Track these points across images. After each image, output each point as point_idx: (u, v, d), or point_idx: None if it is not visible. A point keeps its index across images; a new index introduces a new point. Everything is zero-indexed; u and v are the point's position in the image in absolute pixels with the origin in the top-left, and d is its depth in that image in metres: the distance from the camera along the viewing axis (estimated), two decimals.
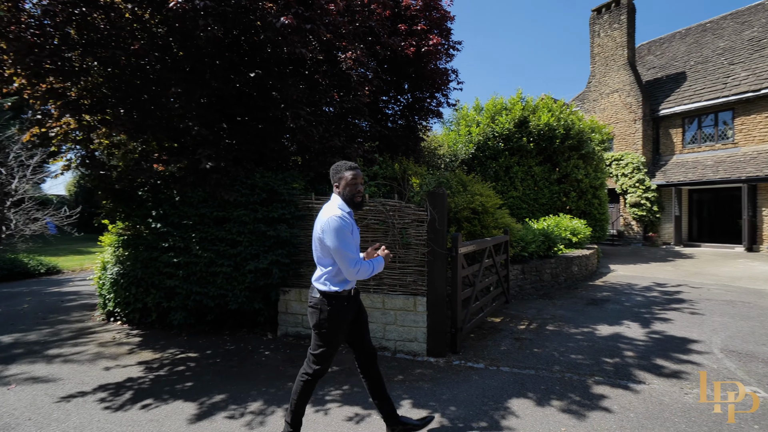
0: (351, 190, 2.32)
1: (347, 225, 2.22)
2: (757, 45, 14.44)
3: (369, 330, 2.68)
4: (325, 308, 2.28)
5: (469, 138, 11.46)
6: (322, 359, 2.35)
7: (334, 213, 2.23)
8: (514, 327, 5.05)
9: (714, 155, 14.34)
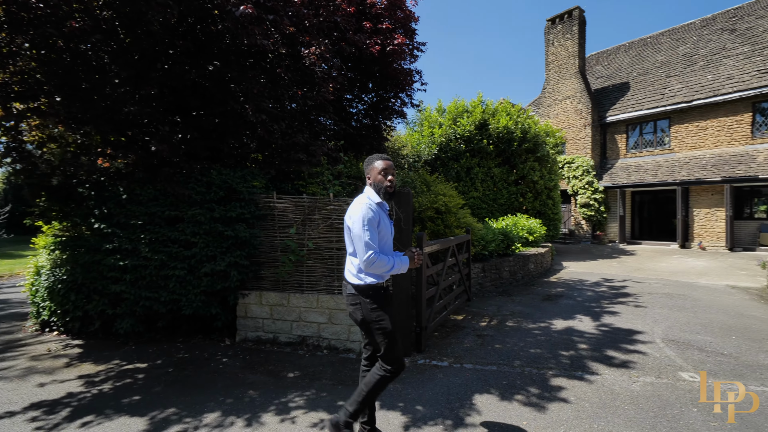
0: (381, 179, 2.28)
1: (373, 214, 2.17)
2: (689, 60, 15.86)
3: None
4: (366, 300, 2.23)
5: (432, 139, 11.63)
6: (391, 352, 2.24)
7: (362, 201, 2.23)
8: (476, 324, 5.17)
9: (653, 160, 15.58)
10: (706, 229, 14.01)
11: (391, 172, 2.30)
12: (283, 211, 4.28)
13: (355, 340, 4.07)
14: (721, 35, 15.75)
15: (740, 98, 13.35)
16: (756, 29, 14.74)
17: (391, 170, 2.30)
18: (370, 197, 2.27)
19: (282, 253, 4.27)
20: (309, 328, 4.21)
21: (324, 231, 4.16)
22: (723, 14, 16.55)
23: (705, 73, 14.84)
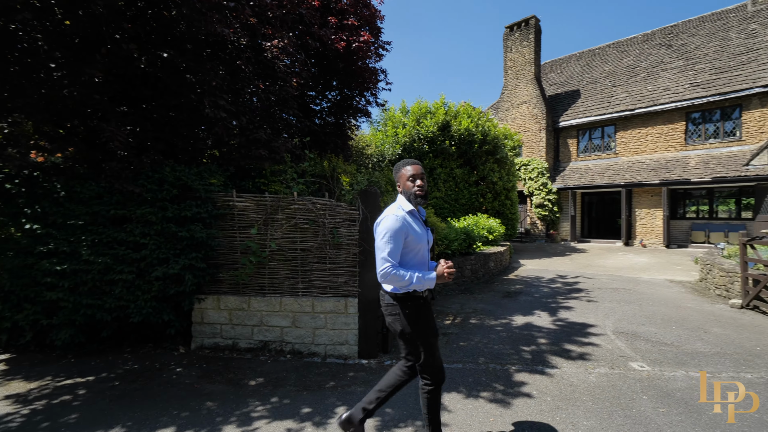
0: (410, 185, 2.19)
1: (401, 225, 2.07)
2: (632, 71, 17.12)
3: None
4: (404, 312, 2.15)
5: (395, 139, 11.68)
6: (430, 362, 2.18)
7: (391, 211, 2.14)
8: (441, 322, 5.22)
9: (601, 163, 16.66)
10: (647, 227, 15.19)
11: (419, 177, 2.20)
12: (244, 211, 4.08)
13: (320, 344, 3.96)
14: (659, 50, 17.15)
15: (675, 108, 14.60)
16: (689, 46, 16.20)
17: (419, 175, 2.21)
18: (401, 206, 2.17)
19: (242, 255, 4.07)
20: (271, 332, 4.04)
21: (288, 231, 4.01)
22: (661, 30, 18.03)
23: (646, 83, 16.09)
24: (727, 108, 13.81)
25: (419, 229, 2.17)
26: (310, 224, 3.96)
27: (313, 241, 3.97)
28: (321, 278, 4.00)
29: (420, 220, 2.22)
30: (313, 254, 3.98)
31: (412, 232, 2.12)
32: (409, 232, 2.11)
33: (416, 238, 2.14)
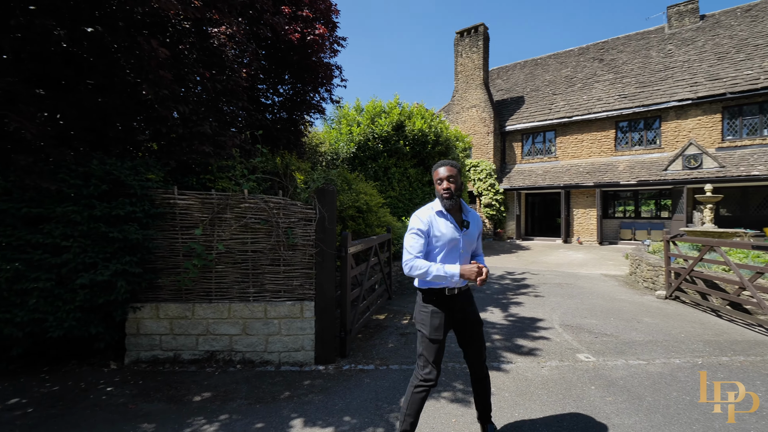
0: (438, 187, 2.28)
1: (421, 223, 2.22)
2: (570, 81, 18.44)
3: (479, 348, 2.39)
4: (418, 301, 2.36)
5: (350, 137, 11.52)
6: (423, 359, 2.29)
7: (421, 210, 2.30)
8: (398, 322, 5.18)
9: (543, 166, 17.76)
10: (583, 226, 16.44)
11: (446, 179, 2.24)
12: (187, 209, 3.72)
13: (273, 351, 3.72)
14: (593, 63, 18.64)
15: (607, 117, 15.95)
16: (617, 61, 17.79)
17: (446, 177, 2.24)
18: (432, 206, 2.30)
19: (185, 258, 3.71)
20: (219, 341, 3.72)
21: (237, 232, 3.72)
22: (594, 45, 19.62)
23: (582, 93, 17.41)
24: (650, 119, 15.35)
25: (445, 229, 2.23)
26: (262, 224, 3.70)
27: (265, 242, 3.73)
28: (274, 281, 3.76)
29: (453, 221, 2.26)
30: (265, 256, 3.73)
31: (435, 230, 2.23)
32: (432, 231, 2.23)
33: (440, 237, 2.23)
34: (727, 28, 15.61)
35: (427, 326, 2.26)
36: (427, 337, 2.26)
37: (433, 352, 2.25)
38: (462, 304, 2.32)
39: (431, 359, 2.25)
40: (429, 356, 2.25)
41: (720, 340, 4.45)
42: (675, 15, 17.35)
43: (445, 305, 2.26)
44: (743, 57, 14.10)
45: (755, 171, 12.31)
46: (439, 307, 2.26)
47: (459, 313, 2.31)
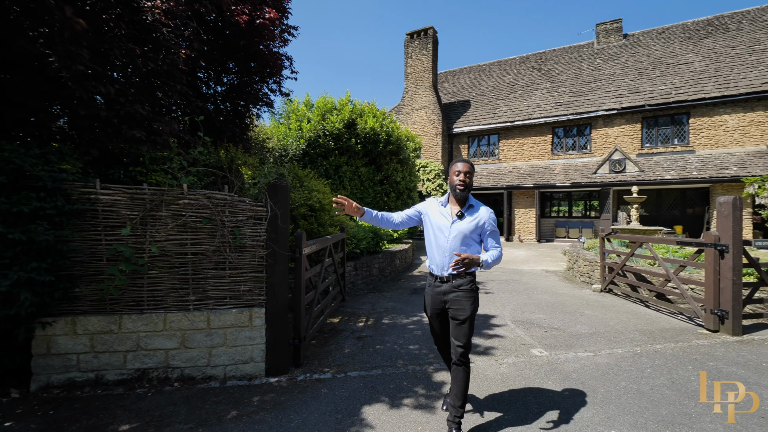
0: (453, 178, 2.51)
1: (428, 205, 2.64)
2: (512, 88, 19.45)
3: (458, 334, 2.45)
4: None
5: (300, 134, 11.08)
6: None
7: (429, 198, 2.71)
8: (354, 325, 4.98)
9: (487, 167, 18.54)
10: (523, 225, 17.41)
11: (464, 173, 2.47)
12: (113, 206, 3.20)
13: (218, 365, 3.34)
14: (532, 72, 19.84)
15: (545, 123, 17.04)
16: (554, 71, 19.10)
17: (465, 171, 2.48)
18: (439, 198, 2.63)
19: (111, 263, 3.19)
20: (152, 357, 3.26)
21: (175, 232, 3.28)
22: (534, 55, 20.90)
23: (522, 100, 18.44)
24: (582, 126, 16.66)
25: (437, 219, 2.52)
26: (204, 223, 3.30)
27: (208, 243, 3.33)
28: (219, 287, 3.38)
29: (448, 212, 2.51)
30: (208, 259, 3.34)
31: (429, 213, 2.60)
32: (427, 212, 2.62)
33: (430, 221, 2.57)
34: (646, 47, 17.44)
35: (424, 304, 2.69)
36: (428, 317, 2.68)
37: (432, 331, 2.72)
38: (446, 293, 2.47)
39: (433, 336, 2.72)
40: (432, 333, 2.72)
41: (652, 329, 4.83)
42: (603, 32, 19.04)
43: (432, 288, 2.57)
44: (658, 74, 15.83)
45: (668, 175, 13.85)
46: (428, 288, 2.63)
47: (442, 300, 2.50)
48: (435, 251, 2.51)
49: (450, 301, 2.44)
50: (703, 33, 16.57)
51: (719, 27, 16.44)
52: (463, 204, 2.50)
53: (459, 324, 2.41)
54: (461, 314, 2.40)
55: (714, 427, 2.60)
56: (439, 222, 2.50)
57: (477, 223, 2.46)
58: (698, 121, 14.41)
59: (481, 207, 2.54)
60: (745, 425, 2.62)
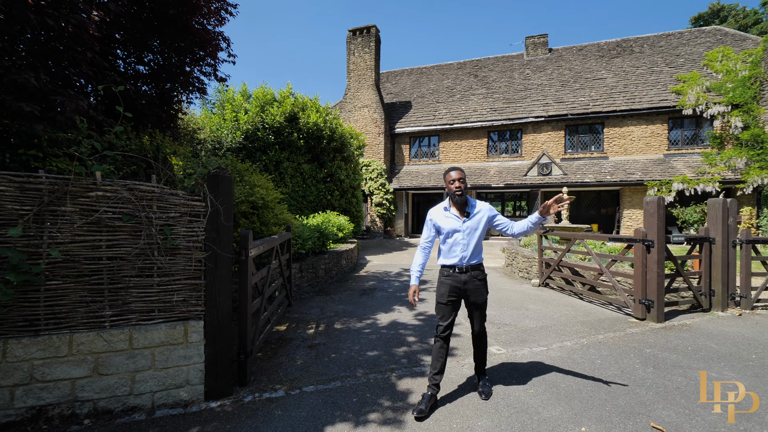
0: (449, 186, 2.89)
1: (429, 217, 3.01)
2: (451, 92, 20.10)
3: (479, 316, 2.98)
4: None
5: (236, 125, 10.22)
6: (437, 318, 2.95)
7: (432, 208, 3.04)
8: (304, 333, 4.58)
9: (428, 168, 18.93)
10: None
11: (458, 180, 2.86)
12: None
13: (143, 392, 2.76)
14: (469, 77, 20.71)
15: (481, 126, 17.86)
16: (489, 78, 20.12)
17: (458, 178, 2.86)
18: (442, 204, 2.98)
19: None
20: (53, 390, 2.58)
21: (85, 231, 2.64)
22: (471, 62, 21.83)
23: (461, 104, 19.14)
24: (514, 130, 17.74)
25: (449, 223, 2.89)
26: (125, 220, 2.70)
27: (130, 245, 2.74)
28: (145, 298, 2.80)
29: (455, 214, 2.90)
30: (130, 264, 2.74)
31: (439, 222, 2.94)
32: (437, 223, 2.95)
33: (442, 227, 2.92)
34: (568, 61, 19.13)
35: (438, 293, 2.97)
36: (437, 301, 2.96)
37: (440, 312, 2.93)
38: (466, 282, 2.87)
39: (438, 316, 2.94)
40: (438, 315, 2.95)
41: (590, 320, 5.13)
42: (531, 45, 20.51)
43: (451, 278, 2.89)
44: (578, 86, 17.44)
45: (587, 178, 15.29)
46: (446, 278, 2.92)
47: (462, 288, 2.88)
48: (454, 248, 2.89)
49: (469, 289, 2.89)
50: (614, 53, 18.63)
51: (626, 49, 18.62)
52: (464, 205, 2.91)
53: (481, 305, 2.94)
54: (481, 298, 2.93)
55: (667, 414, 2.72)
56: (452, 224, 2.89)
57: (481, 217, 2.93)
58: (611, 130, 16.13)
59: (479, 203, 2.97)
60: (692, 410, 2.79)
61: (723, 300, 5.62)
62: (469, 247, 2.86)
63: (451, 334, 2.92)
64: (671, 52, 17.45)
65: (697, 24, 32.79)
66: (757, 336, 4.49)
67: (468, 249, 2.86)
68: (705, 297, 5.69)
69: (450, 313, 2.88)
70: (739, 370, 3.50)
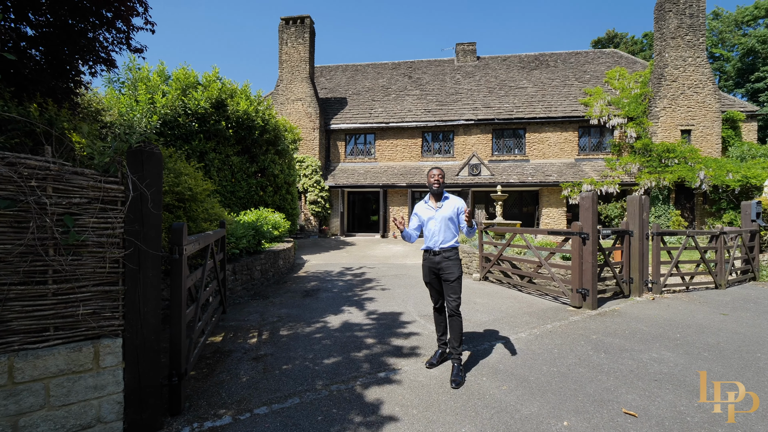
0: (431, 180, 3.35)
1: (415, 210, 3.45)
2: (386, 91, 20.15)
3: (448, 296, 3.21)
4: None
5: (152, 109, 8.88)
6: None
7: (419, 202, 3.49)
8: (245, 343, 3.99)
9: (364, 166, 18.73)
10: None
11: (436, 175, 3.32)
12: None
13: None
14: (404, 78, 20.97)
15: (416, 126, 18.16)
16: (422, 80, 20.59)
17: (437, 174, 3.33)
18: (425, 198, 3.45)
19: None
20: None
21: None
22: (405, 63, 22.15)
23: (396, 103, 19.28)
24: (446, 132, 18.36)
25: (426, 213, 3.33)
26: (2, 207, 1.97)
27: (10, 241, 2.00)
28: (34, 312, 2.07)
29: (431, 205, 3.33)
30: (11, 267, 2.01)
31: (420, 212, 3.40)
32: (419, 213, 3.40)
33: (422, 216, 3.36)
34: (494, 69, 20.38)
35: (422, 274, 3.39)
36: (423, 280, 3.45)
37: (429, 291, 3.41)
38: (438, 263, 3.22)
39: (431, 295, 3.41)
40: (430, 293, 3.41)
41: (535, 311, 5.31)
42: (461, 51, 21.46)
43: (427, 261, 3.31)
44: (504, 93, 18.66)
45: (512, 179, 16.40)
46: (425, 261, 3.34)
47: (436, 267, 3.24)
48: (428, 234, 3.29)
49: (442, 268, 3.20)
50: (533, 65, 20.33)
51: (543, 62, 20.43)
52: (439, 198, 3.33)
53: (451, 283, 3.16)
54: (452, 276, 3.17)
55: (632, 398, 2.79)
56: (428, 213, 3.31)
57: (452, 208, 3.29)
58: (532, 135, 17.52)
59: (452, 197, 3.36)
60: (661, 386, 2.91)
61: (640, 286, 6.25)
62: (441, 233, 3.23)
63: (443, 305, 3.34)
64: (579, 68, 19.56)
65: (596, 46, 37.52)
66: (673, 317, 5.03)
67: (440, 234, 3.23)
68: (626, 284, 6.28)
69: (433, 291, 3.34)
70: (671, 349, 3.82)
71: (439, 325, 3.44)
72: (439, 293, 3.31)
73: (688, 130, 15.47)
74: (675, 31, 15.46)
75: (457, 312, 3.17)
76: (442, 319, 3.41)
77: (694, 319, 4.96)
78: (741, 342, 4.04)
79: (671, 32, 15.48)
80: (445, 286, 3.20)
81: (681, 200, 15.41)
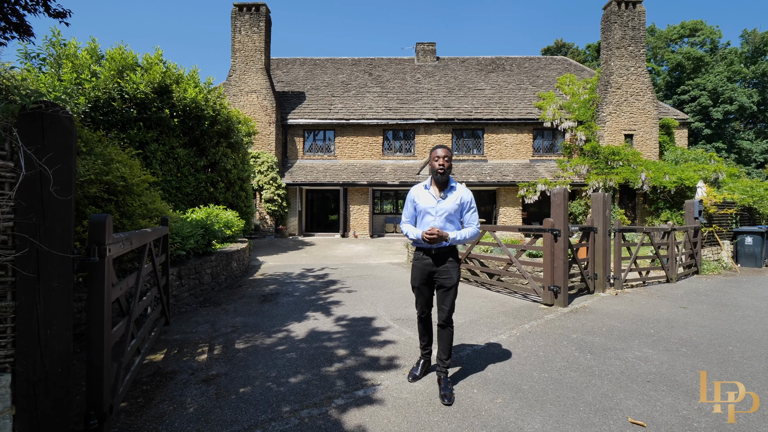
0: (435, 163, 2.72)
1: (410, 194, 2.88)
2: (346, 87, 19.61)
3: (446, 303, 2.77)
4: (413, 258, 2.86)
5: (80, 90, 7.70)
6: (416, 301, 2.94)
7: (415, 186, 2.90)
8: (192, 361, 3.37)
9: (323, 163, 18.07)
10: (358, 221, 17.74)
11: (443, 158, 2.70)
12: None
13: None
14: (364, 75, 20.56)
15: (377, 124, 17.83)
16: (383, 77, 20.30)
17: (443, 156, 2.70)
18: (424, 183, 2.85)
19: None
20: None
21: None
22: (365, 60, 21.74)
23: (356, 100, 18.82)
24: (407, 130, 18.21)
25: (425, 201, 2.78)
26: None
27: None
28: None
29: (433, 194, 2.77)
30: None
31: (417, 199, 2.83)
32: (415, 199, 2.84)
33: (418, 204, 2.82)
34: (453, 71, 20.59)
35: (411, 276, 2.84)
36: (411, 284, 2.87)
37: (415, 295, 2.89)
38: (436, 266, 2.72)
39: (417, 302, 2.90)
40: (416, 299, 2.90)
41: (509, 310, 5.14)
42: (421, 51, 21.46)
43: (420, 261, 2.77)
44: (463, 94, 18.88)
45: (471, 179, 16.58)
46: (416, 261, 2.80)
47: (431, 271, 2.74)
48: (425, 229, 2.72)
49: (439, 272, 2.73)
50: (490, 68, 20.80)
51: (500, 66, 20.99)
52: (444, 186, 2.76)
53: (447, 290, 2.74)
54: (449, 282, 2.73)
55: (633, 403, 2.60)
56: (427, 203, 2.76)
57: (458, 201, 2.72)
58: (490, 136, 17.87)
59: (460, 187, 2.78)
60: (656, 388, 2.74)
61: (603, 282, 6.34)
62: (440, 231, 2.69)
63: (429, 315, 2.93)
64: (533, 73, 20.31)
65: (546, 54, 39.56)
66: (640, 312, 5.08)
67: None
68: (591, 281, 6.34)
69: (422, 297, 2.84)
70: (650, 345, 3.76)
71: (423, 336, 3.00)
72: (427, 301, 2.87)
73: (630, 134, 16.54)
74: (619, 42, 16.47)
75: (449, 323, 2.79)
76: (427, 329, 2.97)
77: (659, 313, 5.04)
78: (711, 336, 4.09)
79: (616, 42, 16.47)
80: (438, 293, 2.79)
81: (624, 200, 16.44)
